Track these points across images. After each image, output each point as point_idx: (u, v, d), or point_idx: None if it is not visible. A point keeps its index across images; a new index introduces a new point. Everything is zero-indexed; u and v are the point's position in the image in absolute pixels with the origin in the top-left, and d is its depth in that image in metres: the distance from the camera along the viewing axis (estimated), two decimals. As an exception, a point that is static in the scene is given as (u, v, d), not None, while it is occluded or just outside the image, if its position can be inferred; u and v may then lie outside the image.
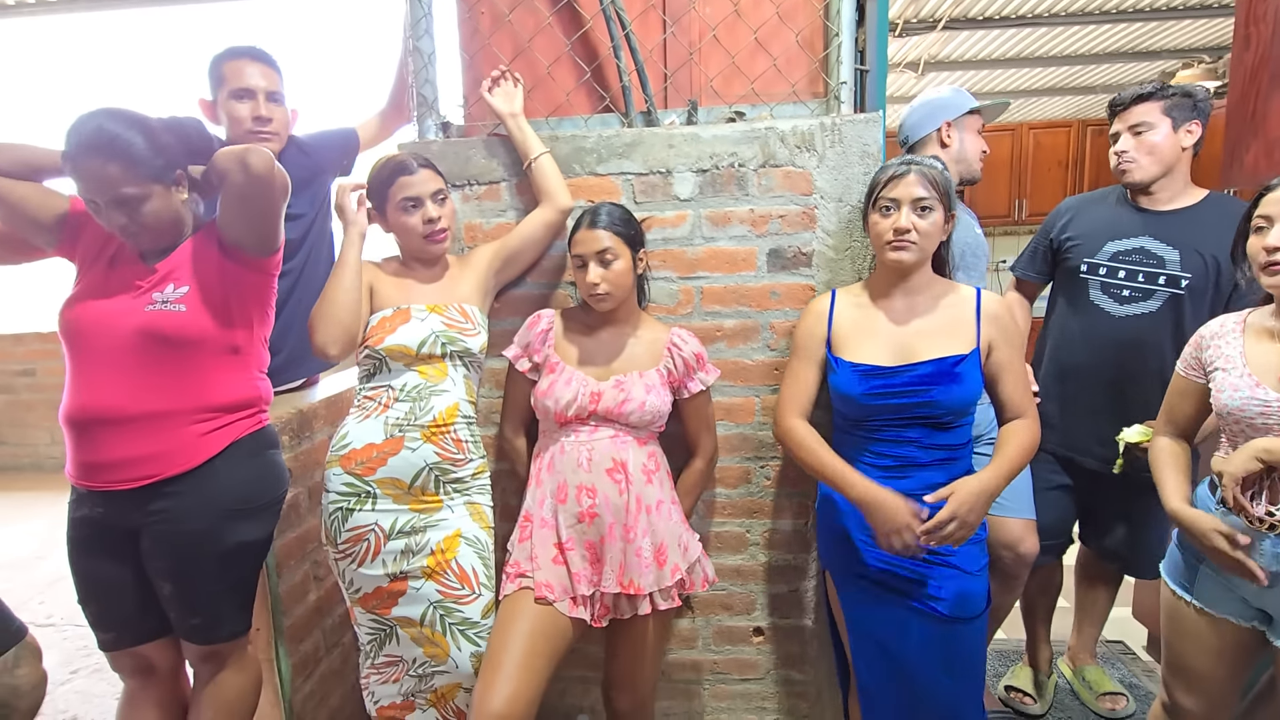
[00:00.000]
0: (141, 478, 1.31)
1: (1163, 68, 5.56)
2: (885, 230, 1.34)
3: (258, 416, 1.46)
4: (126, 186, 1.24)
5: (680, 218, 1.62)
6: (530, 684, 1.31)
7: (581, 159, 1.62)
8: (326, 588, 1.89)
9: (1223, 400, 1.26)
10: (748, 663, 1.76)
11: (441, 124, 1.72)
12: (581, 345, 1.49)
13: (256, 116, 1.68)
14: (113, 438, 1.30)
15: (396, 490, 1.41)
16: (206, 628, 1.39)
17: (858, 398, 1.35)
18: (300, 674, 1.77)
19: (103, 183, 1.23)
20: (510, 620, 1.38)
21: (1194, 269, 1.65)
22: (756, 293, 1.63)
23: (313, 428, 1.84)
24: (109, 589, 1.37)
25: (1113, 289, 1.72)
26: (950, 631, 1.35)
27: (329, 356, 1.41)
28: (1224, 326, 1.33)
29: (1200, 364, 1.34)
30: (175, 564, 1.34)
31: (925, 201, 1.32)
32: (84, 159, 1.22)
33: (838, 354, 1.40)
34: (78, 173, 1.24)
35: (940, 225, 1.35)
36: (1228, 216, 1.65)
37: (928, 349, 1.34)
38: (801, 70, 1.65)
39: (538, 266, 1.66)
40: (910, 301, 1.39)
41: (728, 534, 1.71)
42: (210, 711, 1.43)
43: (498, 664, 1.32)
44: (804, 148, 1.57)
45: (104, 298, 1.32)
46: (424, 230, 1.46)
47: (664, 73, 1.70)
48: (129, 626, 1.39)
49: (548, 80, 1.70)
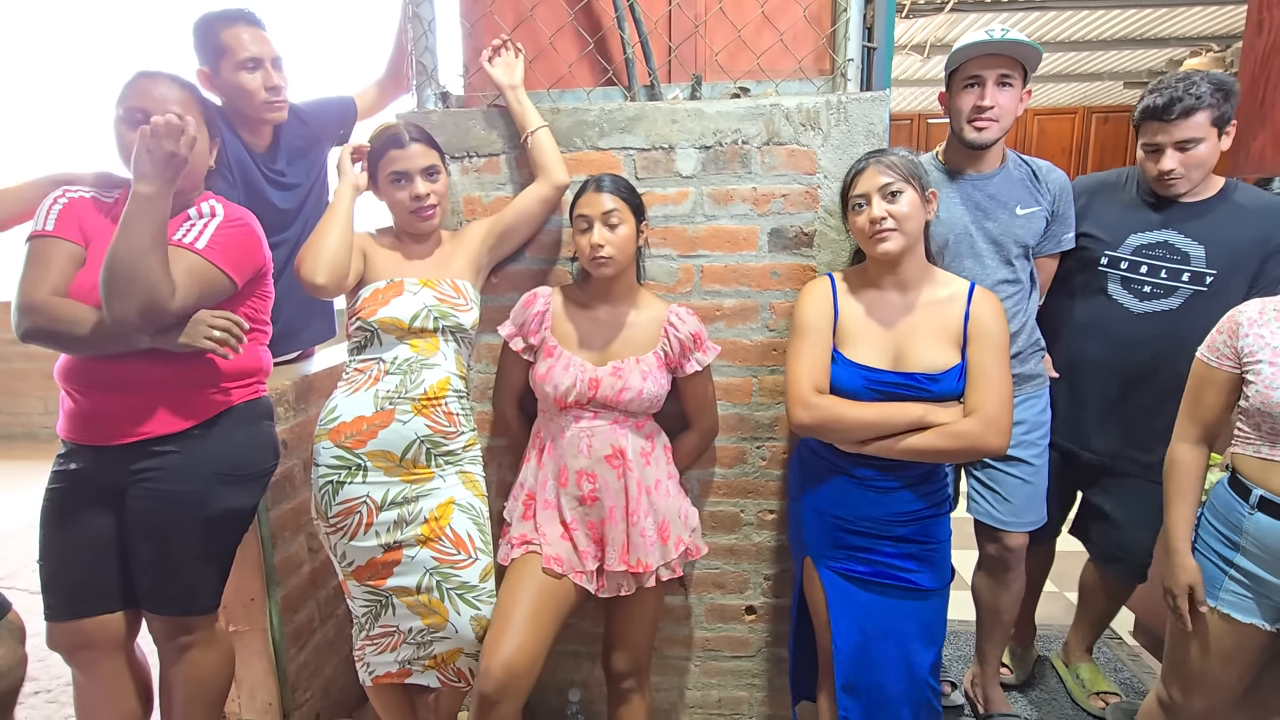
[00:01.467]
0: (134, 434, 1.30)
1: (1170, 55, 5.50)
2: (864, 225, 1.34)
3: (255, 386, 1.46)
4: (181, 109, 1.27)
5: (682, 195, 1.60)
6: (537, 638, 1.36)
7: (583, 133, 1.60)
8: (321, 560, 1.90)
9: (1276, 399, 1.16)
10: (739, 640, 1.78)
11: (441, 94, 1.69)
12: (579, 327, 1.48)
13: (270, 87, 1.65)
14: (110, 395, 1.30)
15: (387, 463, 1.41)
16: (181, 598, 1.38)
17: (858, 395, 1.36)
18: (295, 644, 1.78)
19: (163, 99, 1.27)
20: (519, 581, 1.42)
21: (1219, 264, 1.59)
22: (757, 272, 1.62)
23: (308, 400, 1.83)
24: (73, 546, 1.35)
25: (1134, 284, 1.66)
26: (917, 600, 1.40)
27: (317, 287, 1.37)
28: (1263, 314, 1.23)
29: (1235, 352, 1.25)
30: (158, 525, 1.33)
31: (892, 186, 1.32)
32: (153, 77, 1.29)
33: (840, 348, 1.40)
34: (140, 89, 1.28)
35: (917, 205, 1.34)
36: (1249, 203, 1.62)
37: (918, 355, 1.35)
38: (808, 46, 1.63)
39: (535, 241, 1.65)
40: (904, 297, 1.39)
41: (722, 513, 1.72)
42: (184, 691, 1.42)
43: (507, 619, 1.37)
44: (809, 125, 1.54)
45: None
46: (410, 206, 1.44)
47: (668, 46, 1.67)
48: (81, 592, 1.35)
49: (550, 51, 1.67)
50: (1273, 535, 1.21)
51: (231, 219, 1.36)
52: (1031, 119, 6.50)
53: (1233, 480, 1.29)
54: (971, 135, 1.58)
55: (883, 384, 1.35)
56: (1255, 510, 1.22)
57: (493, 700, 1.31)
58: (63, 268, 1.26)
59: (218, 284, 1.31)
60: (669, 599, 1.74)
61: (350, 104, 1.94)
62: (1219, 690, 1.33)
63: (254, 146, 1.72)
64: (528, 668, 1.34)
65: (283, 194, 1.77)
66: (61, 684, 2.09)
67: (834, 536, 1.43)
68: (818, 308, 1.42)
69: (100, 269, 1.20)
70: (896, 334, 1.37)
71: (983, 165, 1.64)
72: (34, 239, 1.27)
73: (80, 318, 1.24)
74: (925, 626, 1.42)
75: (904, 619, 1.41)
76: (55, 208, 1.29)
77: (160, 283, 1.20)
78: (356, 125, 1.99)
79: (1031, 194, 1.64)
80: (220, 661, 1.47)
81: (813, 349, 1.39)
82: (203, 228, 1.32)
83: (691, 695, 1.82)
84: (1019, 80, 1.57)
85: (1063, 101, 6.66)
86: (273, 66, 1.66)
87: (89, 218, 1.31)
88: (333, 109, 1.91)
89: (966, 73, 1.57)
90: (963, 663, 2.18)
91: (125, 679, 1.42)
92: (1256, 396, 1.21)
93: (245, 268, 1.37)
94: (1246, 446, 1.26)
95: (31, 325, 1.23)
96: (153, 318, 1.21)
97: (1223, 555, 1.28)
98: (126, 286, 1.17)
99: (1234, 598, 1.27)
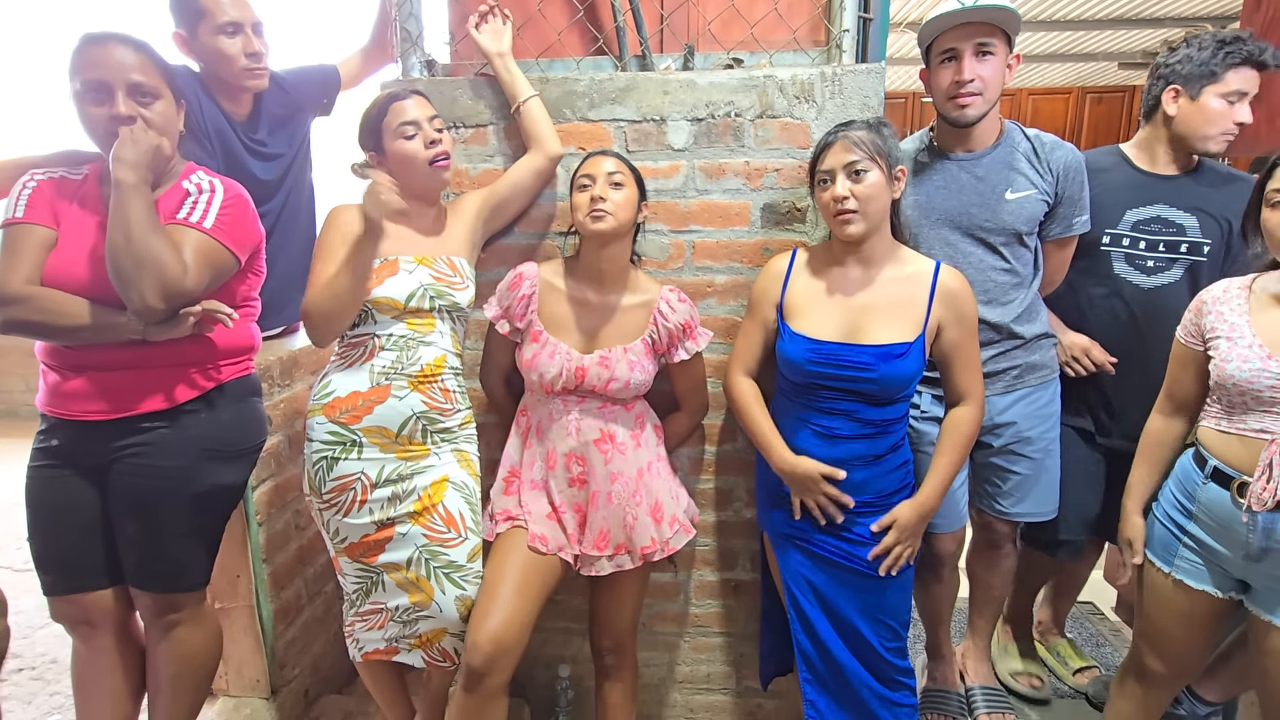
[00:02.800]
0: (122, 411, 1.28)
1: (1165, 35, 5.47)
2: (828, 202, 1.32)
3: (245, 363, 1.44)
4: (142, 75, 1.23)
5: (674, 168, 1.58)
6: (524, 610, 1.36)
7: (572, 103, 1.56)
8: (309, 536, 1.89)
9: (1229, 370, 1.22)
10: (727, 616, 1.78)
11: (426, 62, 1.64)
12: (566, 311, 1.45)
13: (251, 53, 1.60)
14: (99, 373, 1.27)
15: (383, 439, 1.39)
16: (168, 575, 1.37)
17: (802, 365, 1.35)
18: (282, 621, 1.78)
19: (121, 66, 1.21)
20: (505, 554, 1.42)
21: (1212, 234, 1.61)
22: (749, 248, 1.60)
23: (293, 376, 1.81)
24: (63, 524, 1.33)
25: (1137, 260, 1.65)
26: (877, 585, 1.39)
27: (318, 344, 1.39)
28: (1227, 292, 1.29)
29: (1199, 330, 1.30)
30: (145, 500, 1.32)
31: (858, 165, 1.29)
32: (103, 42, 1.22)
33: (788, 320, 1.39)
34: (93, 59, 1.21)
35: (882, 185, 1.31)
36: (1221, 178, 1.64)
37: (874, 330, 1.34)
38: (803, 16, 1.59)
39: (526, 216, 1.62)
40: (866, 273, 1.37)
41: (712, 490, 1.72)
42: (171, 668, 1.41)
43: (493, 593, 1.36)
44: (803, 98, 1.52)
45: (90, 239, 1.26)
46: (428, 155, 1.37)
47: (660, 15, 1.63)
48: (72, 568, 1.35)
49: (538, 18, 1.63)
50: (1220, 505, 1.25)
51: (230, 196, 1.34)
52: (1026, 99, 6.47)
53: (1196, 453, 1.32)
54: (954, 113, 1.49)
55: (825, 356, 1.34)
56: (1208, 480, 1.27)
57: (480, 673, 1.31)
58: (34, 253, 1.24)
59: (226, 263, 1.31)
60: (658, 576, 1.74)
61: (333, 72, 1.89)
62: (1186, 652, 1.38)
63: (234, 115, 1.67)
64: (515, 640, 1.34)
65: (263, 164, 1.73)
66: (46, 661, 2.08)
67: (786, 511, 1.42)
68: (762, 288, 1.45)
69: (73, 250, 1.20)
70: (853, 309, 1.36)
71: (974, 143, 1.55)
72: (5, 227, 1.25)
73: (64, 309, 1.22)
74: (878, 609, 1.40)
75: (856, 600, 1.40)
76: (25, 193, 1.27)
77: (168, 262, 1.19)
78: (340, 95, 1.94)
79: (1027, 175, 1.54)
80: (208, 639, 1.46)
81: (749, 329, 1.47)
82: (206, 205, 1.30)
83: (681, 670, 1.83)
84: (1001, 48, 1.45)
85: (1057, 81, 6.63)
86: (253, 32, 1.61)
87: (58, 198, 1.29)
88: (314, 77, 1.86)
89: (942, 46, 1.46)
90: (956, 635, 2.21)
91: (123, 653, 1.42)
92: (1215, 370, 1.26)
93: (247, 245, 1.36)
94: (1209, 420, 1.30)
95: (9, 317, 1.22)
96: (172, 298, 1.21)
97: (1178, 523, 1.33)
98: (135, 272, 1.17)
99: (1188, 565, 1.32)
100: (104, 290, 1.23)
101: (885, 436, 1.37)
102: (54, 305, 1.22)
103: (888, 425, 1.37)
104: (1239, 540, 1.23)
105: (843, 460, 1.35)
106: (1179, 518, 1.33)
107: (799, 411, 1.40)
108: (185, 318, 1.24)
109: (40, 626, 2.22)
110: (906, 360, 1.32)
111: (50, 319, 1.22)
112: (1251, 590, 1.27)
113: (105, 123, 1.22)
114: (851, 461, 1.35)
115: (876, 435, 1.36)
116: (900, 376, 1.32)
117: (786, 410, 1.43)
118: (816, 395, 1.37)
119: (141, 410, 1.29)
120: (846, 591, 1.40)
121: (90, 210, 1.28)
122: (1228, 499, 1.23)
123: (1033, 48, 5.85)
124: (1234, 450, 1.24)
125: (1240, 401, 1.22)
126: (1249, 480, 1.20)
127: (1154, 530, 1.38)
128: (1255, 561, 1.22)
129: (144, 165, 1.21)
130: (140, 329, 1.24)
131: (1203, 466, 1.29)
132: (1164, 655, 1.39)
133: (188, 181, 1.33)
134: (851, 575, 1.39)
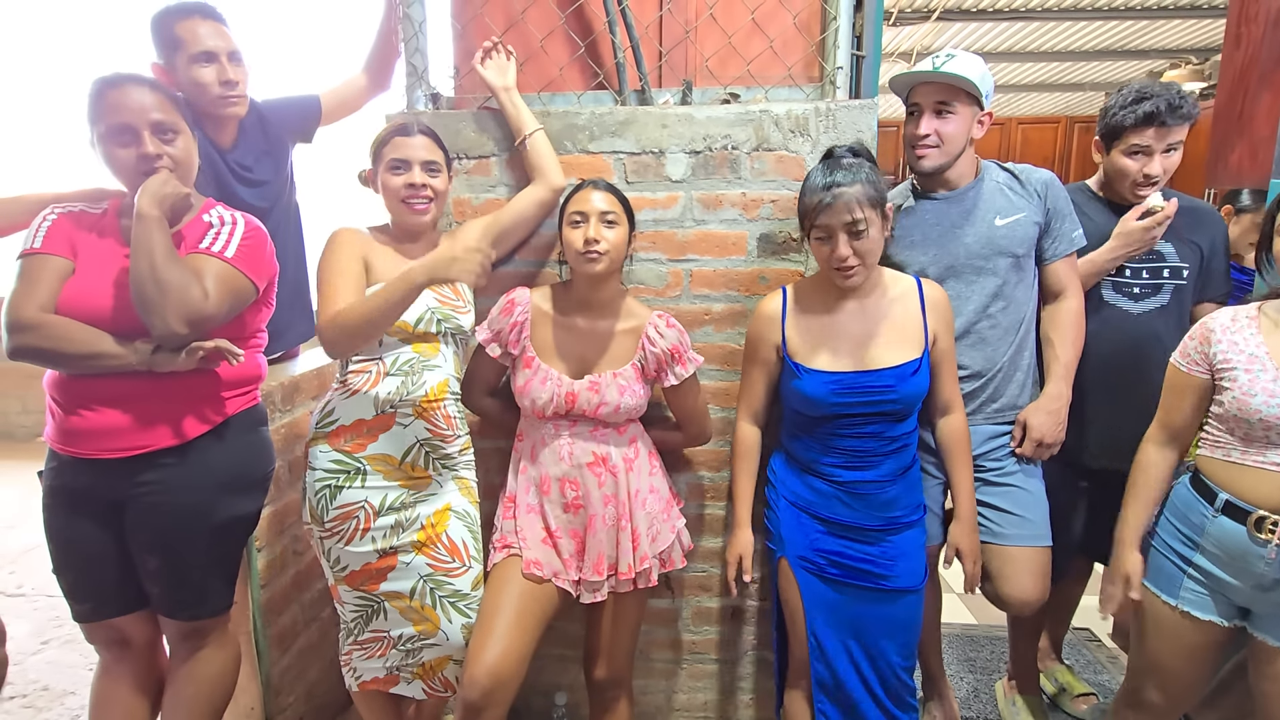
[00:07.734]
0: (134, 448, 1.29)
1: (1150, 67, 5.61)
2: (828, 256, 1.35)
3: (252, 393, 1.45)
4: (162, 113, 1.27)
5: (671, 199, 1.61)
6: (521, 642, 1.35)
7: (573, 136, 1.60)
8: (306, 563, 1.88)
9: (1254, 405, 1.18)
10: (725, 643, 1.78)
11: (431, 95, 1.68)
12: (557, 336, 1.47)
13: (224, 81, 1.63)
14: (107, 408, 1.28)
15: (387, 466, 1.40)
16: (191, 603, 1.38)
17: (825, 399, 1.37)
18: (278, 648, 1.77)
19: (142, 108, 1.25)
20: (501, 585, 1.41)
21: (1189, 259, 1.66)
22: (746, 277, 1.63)
23: (294, 401, 1.82)
24: (87, 558, 1.34)
25: (1125, 287, 1.69)
26: (892, 601, 1.42)
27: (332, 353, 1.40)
28: (1235, 320, 1.26)
29: (1207, 359, 1.28)
30: (164, 537, 1.32)
31: (859, 225, 1.30)
32: (120, 85, 1.25)
33: (797, 359, 1.41)
34: (114, 103, 1.24)
35: (879, 232, 1.34)
36: (1185, 207, 1.67)
37: (884, 354, 1.38)
38: (798, 53, 1.64)
39: (527, 244, 1.64)
40: (861, 303, 1.42)
41: (710, 517, 1.72)
42: (190, 688, 1.42)
43: (490, 626, 1.36)
44: (798, 132, 1.56)
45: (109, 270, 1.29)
46: (403, 193, 1.41)
47: (659, 51, 1.67)
48: (106, 597, 1.37)
49: (540, 54, 1.67)
50: (1234, 539, 1.23)
51: (251, 229, 1.38)
52: (1015, 128, 6.60)
53: (1196, 481, 1.31)
54: (914, 162, 1.58)
55: (847, 386, 1.37)
56: (1219, 514, 1.24)
57: (478, 707, 1.30)
58: (50, 283, 1.26)
59: (246, 291, 1.34)
60: (655, 602, 1.74)
61: (314, 102, 1.90)
62: (1186, 684, 1.36)
63: (219, 142, 1.70)
64: (513, 673, 1.33)
65: (251, 191, 1.75)
66: (38, 688, 2.06)
67: (809, 537, 1.44)
68: (759, 333, 1.47)
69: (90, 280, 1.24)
70: (859, 337, 1.40)
71: (951, 184, 1.61)
72: (23, 257, 1.28)
73: (75, 337, 1.24)
74: (899, 626, 1.44)
75: (878, 618, 1.43)
76: (44, 225, 1.30)
77: (189, 287, 1.22)
78: (336, 123, 1.96)
79: (1013, 201, 1.58)
80: (229, 662, 1.47)
81: (751, 373, 1.50)
82: (229, 236, 1.34)
83: (678, 699, 1.82)
84: (963, 108, 1.52)
85: (1046, 111, 6.76)
86: (229, 60, 1.63)
87: (77, 230, 1.32)
88: (294, 107, 1.88)
89: (911, 99, 1.58)
90: (960, 664, 2.21)
91: (147, 675, 1.45)
92: (1233, 403, 1.22)
93: (265, 275, 1.39)
94: (1215, 450, 1.27)
95: (20, 343, 1.23)
96: (196, 324, 1.23)
97: (1182, 554, 1.31)
98: (160, 299, 1.20)
99: (1194, 596, 1.30)
100: (121, 319, 1.25)
101: (908, 450, 1.44)
102: (65, 333, 1.24)
103: (909, 437, 1.43)
104: (1251, 572, 1.21)
105: (879, 480, 1.40)
106: (1182, 549, 1.31)
107: (825, 441, 1.42)
108: (195, 351, 1.26)
109: (33, 653, 2.20)
110: (921, 375, 1.38)
111: (61, 346, 1.23)
112: (1254, 616, 1.26)
113: (135, 163, 1.26)
114: (886, 479, 1.40)
115: (902, 449, 1.42)
116: (919, 390, 1.39)
117: (807, 446, 1.45)
118: (841, 424, 1.39)
119: (153, 446, 1.30)
120: (864, 611, 1.42)
121: (109, 242, 1.31)
122: (1243, 533, 1.20)
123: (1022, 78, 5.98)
124: (1249, 483, 1.21)
125: (1262, 435, 1.19)
126: (1266, 514, 1.18)
127: (1155, 562, 1.36)
128: (1266, 591, 1.21)
129: (168, 203, 1.25)
130: (149, 358, 1.25)
131: (1209, 497, 1.26)
132: (1163, 686, 1.37)
133: (208, 215, 1.36)
134: (873, 593, 1.42)
